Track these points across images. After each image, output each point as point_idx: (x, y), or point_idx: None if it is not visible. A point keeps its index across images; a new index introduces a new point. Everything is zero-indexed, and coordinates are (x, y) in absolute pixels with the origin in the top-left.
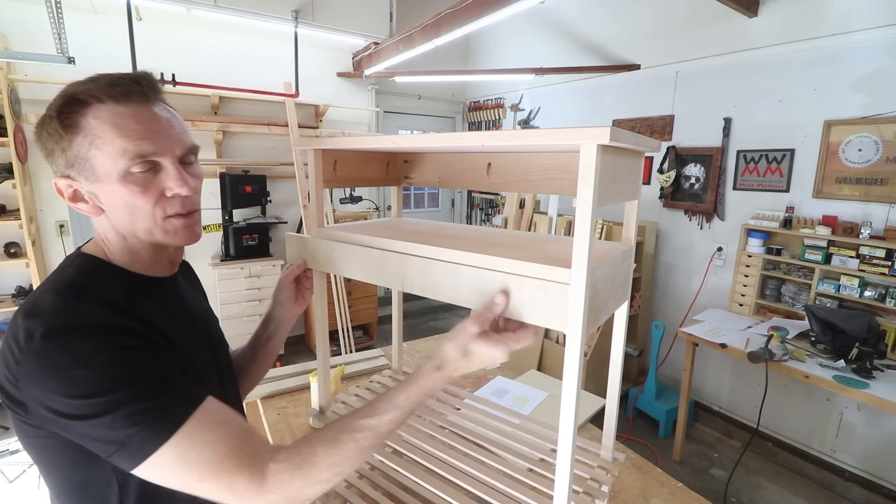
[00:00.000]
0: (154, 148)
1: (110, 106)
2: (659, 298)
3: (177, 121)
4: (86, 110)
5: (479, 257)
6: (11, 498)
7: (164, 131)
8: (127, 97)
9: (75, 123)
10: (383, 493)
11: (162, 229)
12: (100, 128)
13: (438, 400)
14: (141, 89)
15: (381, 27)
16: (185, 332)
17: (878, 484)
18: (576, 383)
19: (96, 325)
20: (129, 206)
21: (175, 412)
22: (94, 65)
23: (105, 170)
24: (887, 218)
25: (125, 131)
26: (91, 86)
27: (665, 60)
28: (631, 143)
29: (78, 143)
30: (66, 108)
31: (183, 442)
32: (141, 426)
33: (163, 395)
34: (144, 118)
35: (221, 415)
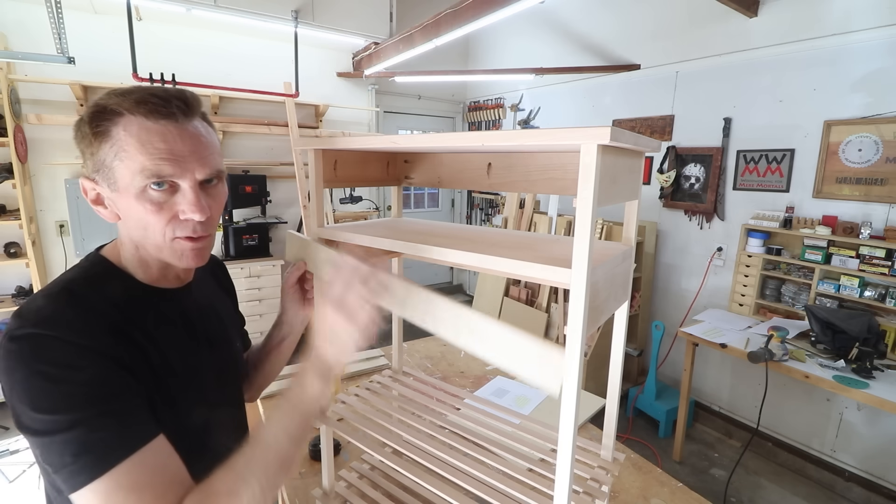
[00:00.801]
0: (173, 170)
1: (140, 120)
2: (659, 298)
3: (208, 140)
4: (117, 119)
5: (479, 257)
6: (11, 498)
7: (189, 152)
8: (157, 114)
9: (105, 131)
10: (383, 493)
11: (170, 249)
12: (126, 140)
13: (438, 400)
14: (167, 103)
15: (381, 27)
16: (180, 341)
17: (878, 484)
18: (576, 383)
19: (67, 342)
20: (142, 221)
21: (116, 449)
22: (94, 65)
23: (124, 183)
24: (887, 218)
25: (148, 149)
26: (122, 99)
27: (665, 60)
28: (631, 143)
29: (105, 151)
30: (97, 115)
31: (111, 482)
32: (80, 456)
33: (107, 430)
34: (171, 137)
35: (159, 459)
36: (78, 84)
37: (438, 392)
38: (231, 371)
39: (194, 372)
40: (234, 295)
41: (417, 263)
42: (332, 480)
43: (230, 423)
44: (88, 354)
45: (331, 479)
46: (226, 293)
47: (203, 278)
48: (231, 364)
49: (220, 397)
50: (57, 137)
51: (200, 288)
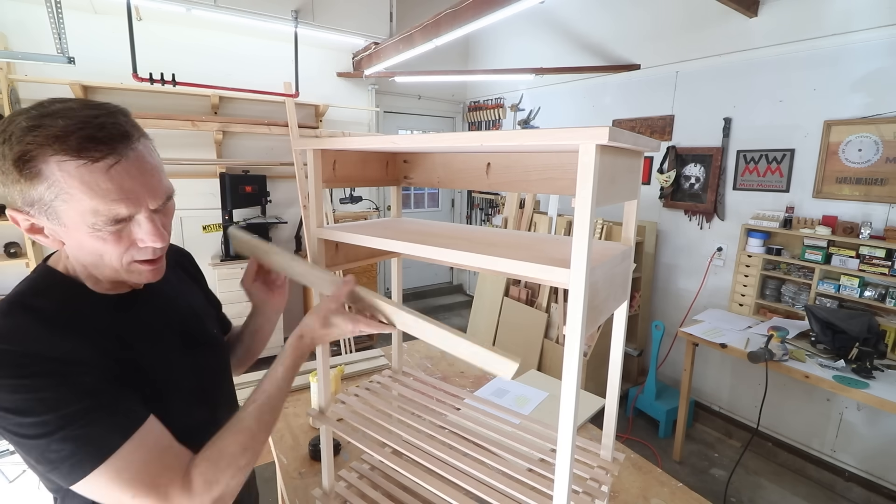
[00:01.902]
0: (127, 208)
1: (80, 162)
2: (659, 298)
3: (153, 164)
4: (49, 157)
5: (479, 257)
6: (11, 498)
7: (139, 185)
8: (95, 151)
9: (38, 173)
10: (383, 493)
11: (127, 272)
12: (67, 182)
13: (438, 400)
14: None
15: (381, 27)
16: (148, 345)
17: (878, 484)
18: (575, 383)
19: (29, 352)
20: (96, 251)
21: (111, 435)
22: (94, 65)
23: (72, 221)
24: (887, 218)
25: (96, 191)
26: (47, 137)
27: (665, 60)
28: (630, 143)
29: (41, 191)
30: (27, 152)
31: (118, 462)
32: (76, 450)
33: (99, 421)
34: (117, 175)
35: (156, 435)
36: (78, 84)
37: (438, 392)
38: (214, 367)
39: (172, 373)
40: (204, 282)
41: (417, 263)
42: (332, 480)
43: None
44: (56, 362)
45: (331, 479)
46: (195, 282)
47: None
48: (214, 360)
49: (203, 396)
50: None
51: (162, 285)
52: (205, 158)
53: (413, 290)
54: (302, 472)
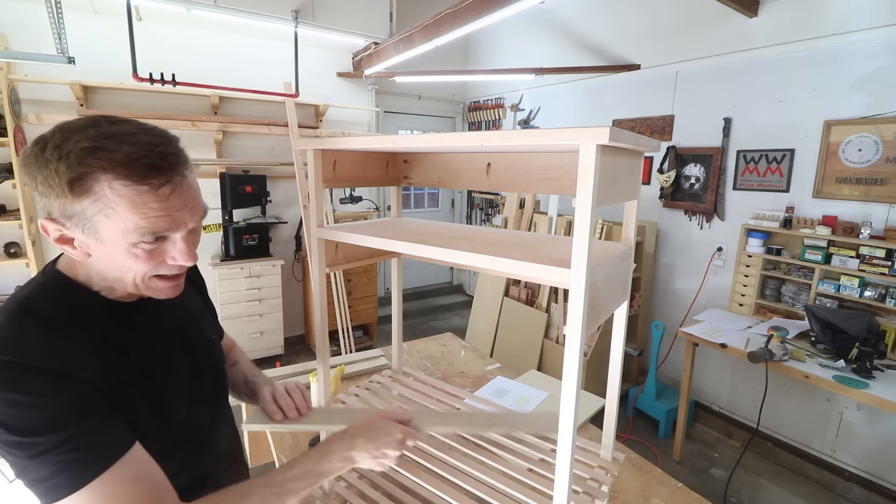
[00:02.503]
0: (168, 225)
1: (131, 185)
2: (659, 298)
3: (195, 187)
4: (101, 177)
5: (479, 257)
6: (11, 498)
7: (182, 206)
8: (149, 178)
9: (86, 189)
10: (383, 493)
11: (146, 287)
12: (114, 200)
13: (438, 400)
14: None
15: (381, 27)
16: (152, 347)
17: (878, 484)
18: (576, 383)
19: (31, 367)
20: (124, 267)
21: (91, 465)
22: (94, 65)
23: (111, 236)
24: (887, 218)
25: (142, 210)
26: (112, 154)
27: (665, 60)
28: (630, 143)
29: (85, 205)
30: (82, 170)
31: (92, 493)
32: (55, 475)
33: (80, 450)
34: (164, 198)
35: (138, 470)
36: (78, 84)
37: (438, 392)
38: (212, 370)
39: (172, 376)
40: (205, 288)
41: (417, 263)
42: (332, 480)
43: (219, 420)
44: (54, 378)
45: (331, 479)
46: (195, 288)
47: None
48: (211, 363)
49: (203, 396)
50: None
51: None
52: (205, 158)
53: (413, 290)
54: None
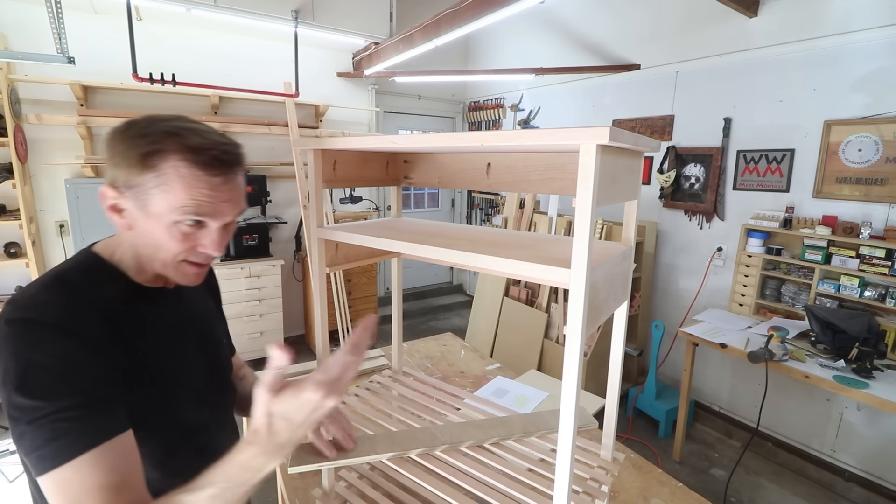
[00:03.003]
0: (211, 212)
1: (193, 168)
2: (659, 298)
3: (241, 188)
4: (170, 157)
5: (479, 257)
6: (11, 498)
7: (226, 199)
8: (211, 167)
9: (153, 164)
10: (383, 493)
11: (174, 268)
12: (173, 177)
13: (438, 400)
14: (224, 158)
15: (381, 27)
16: (170, 339)
17: (878, 484)
18: (576, 383)
19: (56, 329)
20: (159, 244)
21: (77, 442)
22: (94, 65)
23: (157, 211)
24: (887, 218)
25: (193, 193)
26: (185, 140)
27: (665, 60)
28: (631, 143)
29: (147, 178)
30: (154, 146)
31: (68, 474)
32: (46, 444)
33: (76, 421)
34: (216, 187)
35: (115, 460)
36: (78, 84)
37: (438, 392)
38: (220, 370)
39: (183, 370)
40: (219, 296)
41: (417, 263)
42: (332, 480)
43: (223, 423)
44: (74, 342)
45: (331, 479)
46: (210, 294)
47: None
48: (220, 363)
49: (212, 395)
50: (57, 137)
51: (189, 289)
52: None
53: (413, 290)
54: (302, 472)
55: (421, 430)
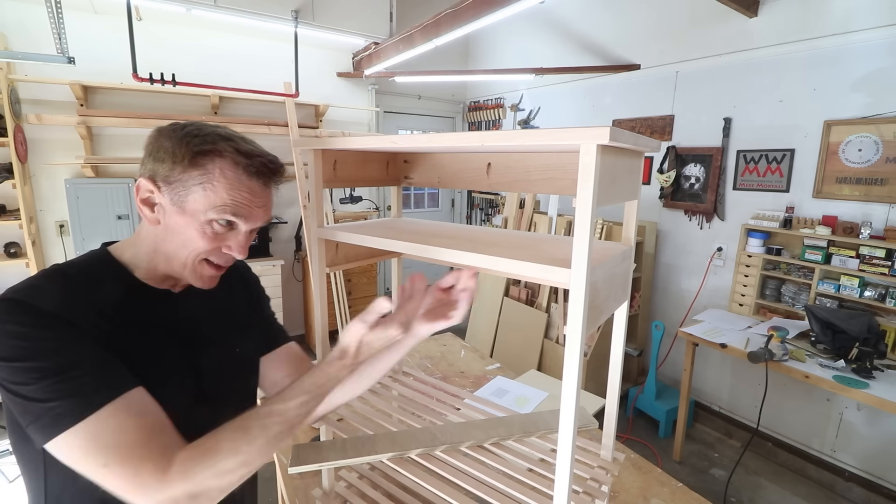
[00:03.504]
0: (245, 214)
1: (240, 171)
2: (659, 298)
3: (272, 202)
4: (219, 159)
5: (479, 257)
6: (11, 498)
7: (260, 206)
8: (257, 174)
9: (202, 163)
10: (383, 493)
11: (193, 269)
12: (218, 178)
13: (438, 400)
14: (268, 170)
15: (381, 27)
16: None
17: (878, 484)
18: (576, 383)
19: (46, 310)
20: (187, 240)
21: (96, 394)
22: (94, 65)
23: (195, 207)
24: (887, 218)
25: (234, 195)
26: (235, 146)
27: (665, 60)
28: (631, 143)
29: (191, 175)
30: (206, 147)
31: (97, 424)
32: (59, 402)
33: (87, 375)
34: (256, 192)
35: (143, 405)
36: (78, 84)
37: (438, 392)
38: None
39: (178, 370)
40: (258, 296)
41: (417, 263)
42: (332, 480)
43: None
44: (64, 324)
45: (331, 479)
46: (246, 296)
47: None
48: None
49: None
50: (57, 137)
51: (202, 294)
52: None
53: None
54: (302, 472)
55: (421, 430)
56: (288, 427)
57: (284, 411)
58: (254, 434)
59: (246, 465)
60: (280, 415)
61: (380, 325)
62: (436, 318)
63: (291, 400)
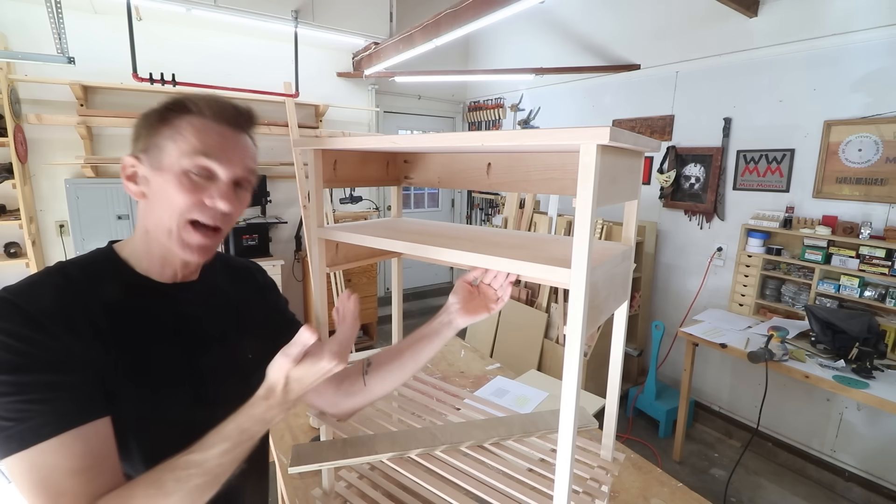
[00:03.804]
0: (218, 160)
1: (205, 120)
2: (659, 298)
3: (252, 151)
4: (184, 115)
5: (479, 257)
6: (11, 498)
7: (236, 152)
8: (223, 119)
9: (170, 120)
10: (383, 493)
11: (178, 236)
12: (186, 129)
13: (438, 400)
14: (236, 114)
15: (381, 27)
16: (161, 336)
17: (878, 484)
18: (576, 383)
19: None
20: (169, 198)
21: (45, 425)
22: (94, 65)
23: (170, 161)
24: (887, 218)
25: (202, 138)
26: (198, 100)
27: (665, 60)
28: (631, 143)
29: (163, 134)
30: (171, 105)
31: (37, 457)
32: (12, 423)
33: (44, 401)
34: (225, 137)
35: (87, 444)
36: (78, 84)
37: (438, 392)
38: (227, 372)
39: (179, 369)
40: (271, 297)
41: (417, 263)
42: (332, 480)
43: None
44: (46, 331)
45: (331, 479)
46: (258, 296)
47: (219, 285)
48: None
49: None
50: (57, 137)
51: (205, 291)
52: None
53: (413, 290)
54: (302, 472)
55: (421, 430)
56: (210, 478)
57: (202, 461)
58: (168, 489)
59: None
60: (197, 465)
61: (308, 358)
62: (476, 312)
63: (210, 449)
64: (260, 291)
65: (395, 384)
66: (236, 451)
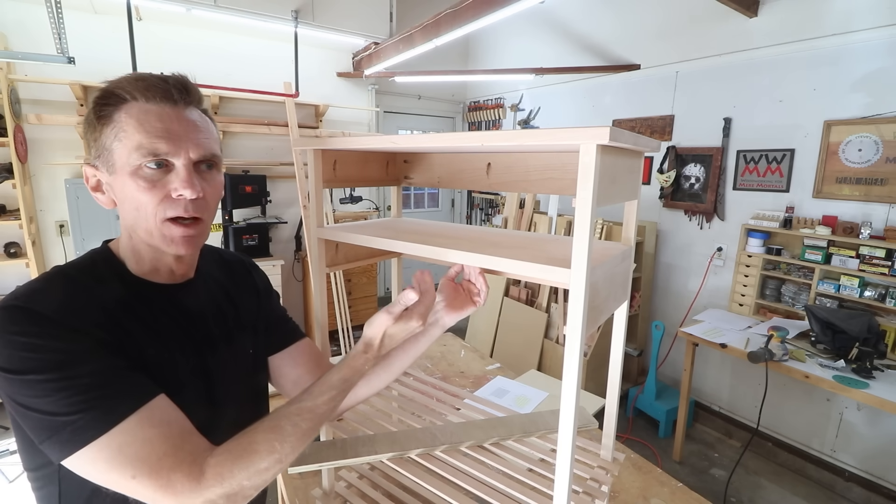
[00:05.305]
0: (168, 147)
1: (140, 103)
2: (659, 298)
3: (204, 126)
4: (121, 105)
5: (479, 257)
6: (11, 498)
7: (185, 133)
8: (156, 97)
9: (108, 116)
10: (383, 493)
11: (160, 233)
12: (126, 122)
13: (438, 400)
14: (167, 87)
15: (381, 27)
16: (162, 336)
17: (878, 484)
18: (576, 383)
19: (49, 315)
20: (135, 201)
21: (118, 405)
22: (94, 65)
23: (121, 162)
24: (887, 218)
25: (146, 127)
26: (125, 81)
27: (665, 60)
28: (631, 143)
29: (106, 134)
30: (102, 100)
31: (122, 436)
32: (79, 415)
33: (105, 386)
34: (167, 117)
35: (166, 413)
36: (78, 84)
37: (438, 392)
38: (231, 372)
39: (182, 368)
40: (266, 293)
41: (417, 263)
42: (332, 480)
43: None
44: (71, 331)
45: (331, 479)
46: (253, 293)
47: (216, 280)
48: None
49: (219, 396)
50: (57, 137)
51: (205, 289)
52: None
53: None
54: (302, 472)
55: (421, 430)
56: (318, 423)
57: (314, 408)
58: (287, 432)
59: (279, 463)
60: (310, 412)
61: (403, 318)
62: (462, 307)
63: (320, 396)
64: (255, 287)
65: (381, 384)
66: (338, 399)
